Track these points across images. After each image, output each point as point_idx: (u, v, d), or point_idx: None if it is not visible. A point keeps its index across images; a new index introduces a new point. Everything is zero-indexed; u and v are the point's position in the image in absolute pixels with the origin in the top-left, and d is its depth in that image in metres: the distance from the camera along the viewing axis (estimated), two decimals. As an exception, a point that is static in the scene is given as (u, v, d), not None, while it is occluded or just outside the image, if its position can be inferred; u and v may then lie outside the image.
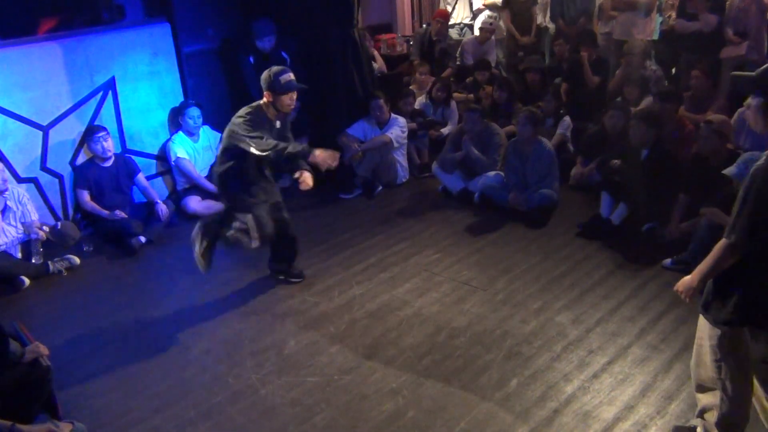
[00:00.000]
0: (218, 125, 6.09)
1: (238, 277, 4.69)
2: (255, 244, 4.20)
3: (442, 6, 8.98)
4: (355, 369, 3.57)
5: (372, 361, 3.62)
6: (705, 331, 2.60)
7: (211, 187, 5.75)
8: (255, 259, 4.92)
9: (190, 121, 5.79)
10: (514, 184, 5.45)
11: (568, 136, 6.27)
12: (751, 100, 2.40)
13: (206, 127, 5.97)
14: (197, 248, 4.28)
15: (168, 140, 5.91)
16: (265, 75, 4.05)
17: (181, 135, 5.86)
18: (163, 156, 5.97)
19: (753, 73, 2.41)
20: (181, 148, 5.80)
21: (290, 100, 4.09)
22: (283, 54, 6.06)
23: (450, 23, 8.49)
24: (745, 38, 6.11)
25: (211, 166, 5.93)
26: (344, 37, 6.12)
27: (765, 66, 2.37)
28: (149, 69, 5.83)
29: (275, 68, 4.07)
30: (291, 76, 4.05)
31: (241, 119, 4.02)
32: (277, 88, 4.00)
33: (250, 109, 4.08)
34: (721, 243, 2.40)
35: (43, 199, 5.41)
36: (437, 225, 5.37)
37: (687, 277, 2.60)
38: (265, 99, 4.09)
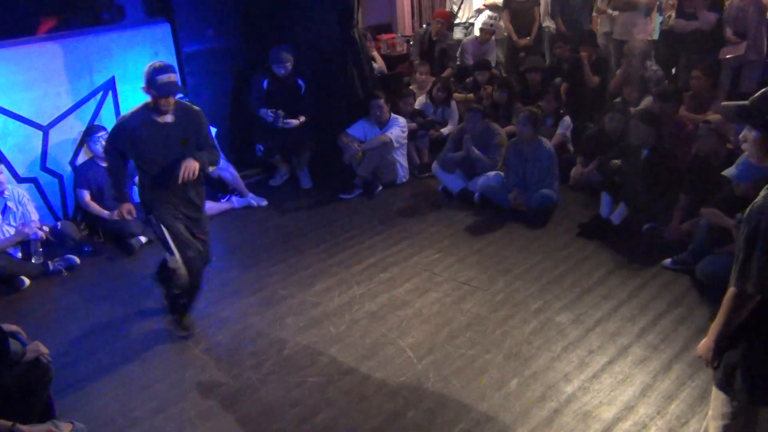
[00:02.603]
0: (218, 124, 6.11)
1: (238, 278, 4.69)
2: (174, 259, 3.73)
3: (448, 6, 8.99)
4: (355, 369, 3.57)
5: (372, 361, 3.62)
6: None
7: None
8: (255, 260, 4.93)
9: None
10: (514, 184, 5.45)
11: (568, 136, 6.28)
12: (747, 133, 2.09)
13: None
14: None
15: None
16: (146, 68, 3.57)
17: None
18: None
19: (746, 103, 2.09)
20: None
21: (166, 103, 3.58)
22: (300, 80, 6.16)
23: (456, 22, 8.51)
24: (744, 38, 6.11)
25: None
26: (344, 38, 6.12)
27: (759, 94, 2.05)
28: (149, 69, 5.83)
29: (156, 63, 3.58)
30: (172, 77, 3.55)
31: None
32: (153, 87, 3.53)
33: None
34: (729, 293, 2.12)
35: (43, 199, 5.41)
36: (437, 225, 5.37)
37: (704, 340, 2.28)
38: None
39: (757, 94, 2.06)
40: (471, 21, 8.63)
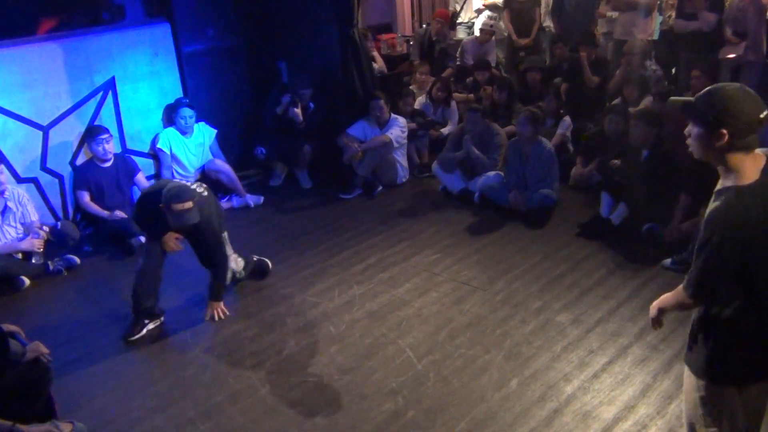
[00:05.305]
0: (217, 124, 6.12)
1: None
2: None
3: (451, 5, 9.00)
4: (355, 369, 3.57)
5: (372, 361, 3.63)
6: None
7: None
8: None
9: (182, 122, 5.82)
10: (514, 184, 5.45)
11: (568, 136, 6.27)
12: (691, 128, 2.14)
13: (202, 124, 5.98)
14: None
15: (158, 133, 5.96)
16: (165, 191, 3.69)
17: (172, 130, 5.89)
18: (156, 154, 5.98)
19: (691, 99, 2.15)
20: (165, 141, 5.85)
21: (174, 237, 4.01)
22: (311, 103, 6.30)
23: (458, 21, 8.51)
24: (743, 38, 6.11)
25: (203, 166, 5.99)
26: (344, 38, 6.12)
27: (703, 92, 2.10)
28: (149, 69, 5.84)
29: (174, 190, 3.68)
30: (185, 205, 3.66)
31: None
32: (169, 213, 3.69)
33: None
34: (680, 289, 2.23)
35: (43, 200, 5.41)
36: (437, 225, 5.37)
37: (655, 302, 2.42)
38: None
39: (702, 92, 2.11)
40: (473, 21, 8.65)
